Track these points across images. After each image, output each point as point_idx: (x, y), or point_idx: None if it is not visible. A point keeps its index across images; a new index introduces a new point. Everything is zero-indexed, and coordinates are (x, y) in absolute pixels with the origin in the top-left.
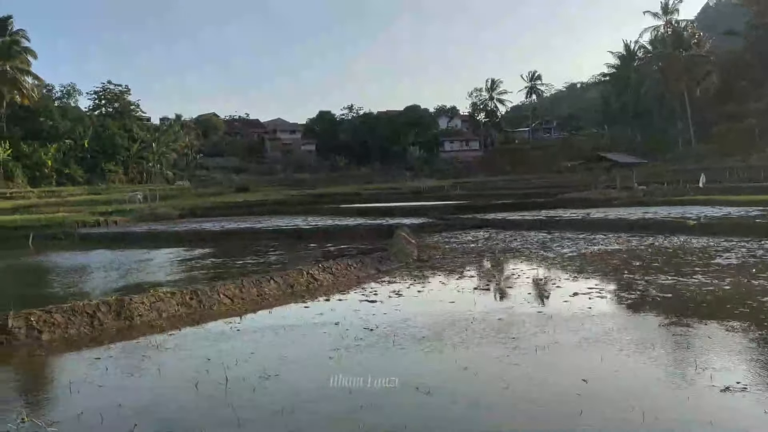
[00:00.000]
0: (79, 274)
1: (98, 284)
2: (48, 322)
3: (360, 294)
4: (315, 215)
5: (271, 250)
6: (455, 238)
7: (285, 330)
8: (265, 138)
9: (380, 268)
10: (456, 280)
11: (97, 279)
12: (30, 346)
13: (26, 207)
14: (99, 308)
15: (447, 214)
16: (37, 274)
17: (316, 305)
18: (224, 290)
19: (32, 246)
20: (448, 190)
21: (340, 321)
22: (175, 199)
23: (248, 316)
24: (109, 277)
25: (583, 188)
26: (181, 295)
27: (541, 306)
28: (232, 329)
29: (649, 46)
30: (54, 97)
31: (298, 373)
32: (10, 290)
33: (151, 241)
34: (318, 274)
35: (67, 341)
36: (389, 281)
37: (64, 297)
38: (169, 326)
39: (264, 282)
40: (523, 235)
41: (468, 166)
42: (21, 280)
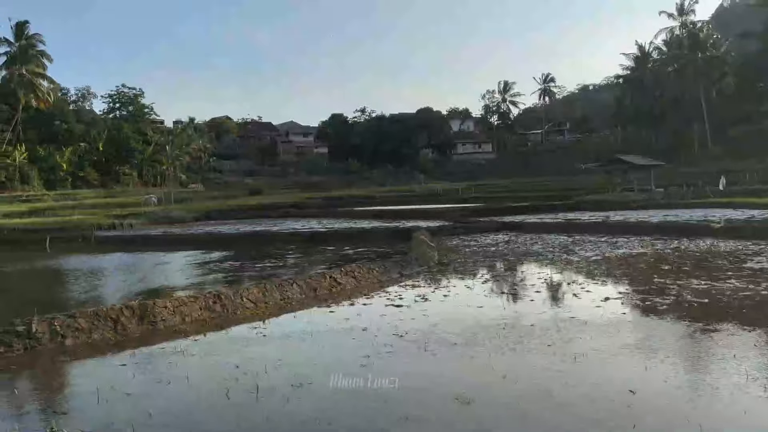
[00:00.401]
0: (98, 278)
1: (118, 288)
2: (71, 327)
3: (385, 298)
4: (330, 218)
5: (289, 253)
6: (475, 242)
7: (312, 336)
8: (277, 141)
9: (402, 272)
10: (481, 284)
11: (117, 282)
12: (54, 352)
13: (42, 210)
14: (122, 313)
15: (464, 217)
16: (56, 278)
17: (342, 310)
18: (247, 294)
19: (49, 249)
20: (463, 193)
21: (368, 326)
22: (189, 202)
23: (273, 321)
24: (129, 281)
25: (599, 191)
26: (204, 300)
27: (573, 311)
28: (257, 335)
29: (664, 47)
30: (69, 100)
31: (331, 380)
32: (30, 294)
33: (167, 244)
34: (340, 277)
35: (91, 346)
36: (413, 285)
37: (84, 301)
38: (193, 331)
39: (287, 286)
40: (544, 239)
41: (480, 168)
42: (40, 283)
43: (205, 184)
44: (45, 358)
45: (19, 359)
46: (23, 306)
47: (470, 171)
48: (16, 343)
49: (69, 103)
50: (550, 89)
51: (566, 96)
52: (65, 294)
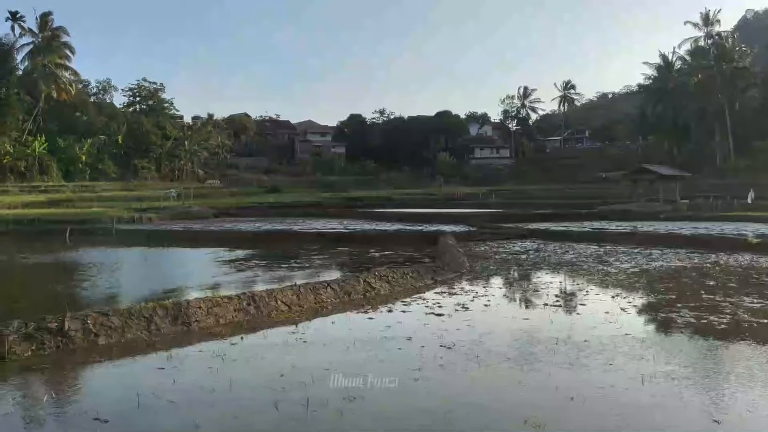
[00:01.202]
0: (123, 272)
1: (144, 284)
2: (105, 325)
3: (423, 305)
4: (350, 219)
5: (314, 254)
6: (503, 248)
7: (356, 344)
8: (295, 139)
9: (436, 277)
10: (520, 293)
11: (142, 278)
12: (87, 351)
13: (61, 201)
14: (156, 312)
15: (488, 223)
16: (81, 271)
17: (381, 316)
18: (282, 296)
19: (70, 241)
20: (484, 198)
21: (412, 336)
22: (208, 198)
23: (310, 326)
24: (154, 277)
25: (623, 200)
26: (238, 301)
27: (625, 327)
28: (298, 340)
29: (688, 57)
30: (90, 93)
31: (385, 396)
32: (55, 287)
33: (190, 240)
34: (374, 282)
35: (125, 346)
36: (449, 292)
37: (111, 296)
38: (228, 333)
39: (321, 289)
40: (574, 248)
41: (498, 173)
42: (64, 276)
43: (222, 180)
44: (78, 357)
45: (52, 358)
46: (48, 300)
47: (487, 176)
48: (48, 340)
49: (90, 95)
50: (570, 96)
51: (584, 104)
52: (91, 288)
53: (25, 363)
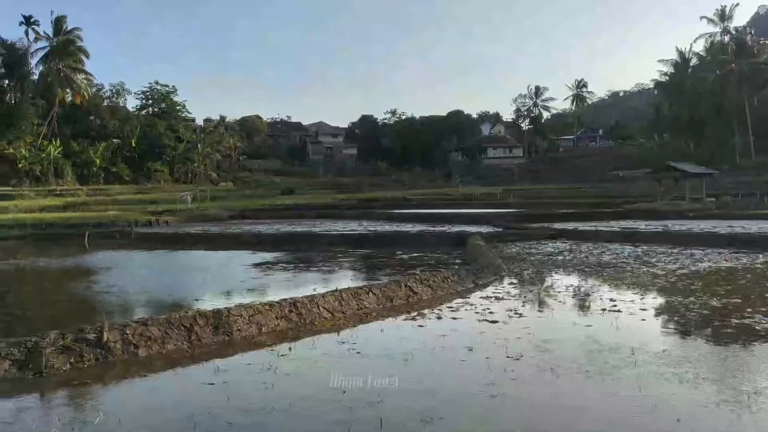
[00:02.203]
0: (149, 277)
1: (173, 289)
2: (144, 335)
3: (472, 312)
4: (369, 220)
5: (340, 256)
6: (535, 249)
7: (414, 356)
8: (307, 141)
9: (477, 281)
10: (571, 298)
11: (170, 282)
12: (127, 364)
13: (77, 204)
14: (196, 321)
15: (513, 223)
16: (105, 275)
17: (431, 324)
18: (324, 302)
19: (88, 244)
20: (501, 198)
21: (473, 346)
22: (222, 200)
23: (360, 335)
24: (182, 281)
25: (647, 199)
26: (279, 308)
27: (705, 336)
28: (350, 351)
29: (704, 53)
30: (104, 96)
31: (465, 416)
32: (82, 292)
33: (209, 243)
34: (416, 286)
35: (167, 359)
36: (496, 297)
37: (142, 303)
38: (272, 343)
39: (363, 294)
40: (609, 248)
41: (511, 173)
42: (90, 281)
43: (235, 182)
44: (120, 371)
45: (92, 372)
46: (78, 306)
47: (501, 175)
48: (86, 352)
49: (103, 98)
50: (583, 95)
51: (596, 102)
52: (119, 294)
53: (64, 378)
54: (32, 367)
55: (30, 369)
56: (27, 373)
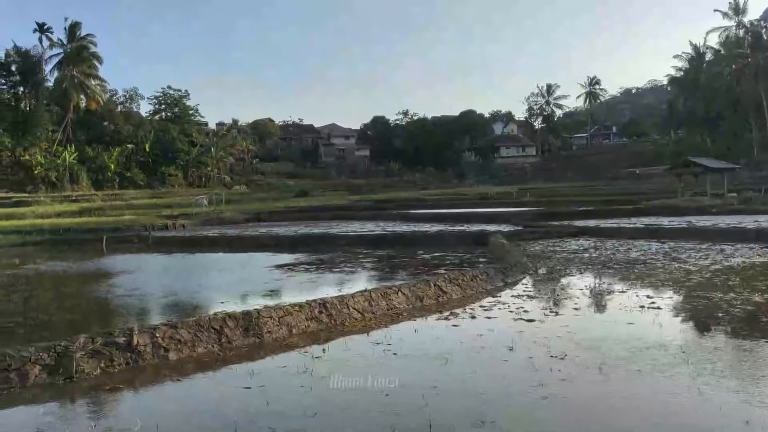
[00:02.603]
0: (171, 279)
1: (197, 291)
2: (174, 338)
3: (505, 310)
4: (385, 221)
5: (361, 257)
6: (559, 247)
7: (452, 356)
8: (319, 143)
9: (506, 279)
10: (606, 295)
11: (194, 285)
12: (158, 368)
13: (93, 209)
14: (226, 323)
15: (532, 222)
16: (127, 279)
17: (465, 323)
18: (353, 303)
19: (106, 249)
20: (517, 196)
21: (513, 346)
22: (237, 203)
23: (393, 335)
24: (206, 284)
25: (667, 195)
26: (309, 309)
27: (756, 333)
28: (385, 352)
29: (719, 47)
30: (117, 101)
31: (518, 420)
32: (105, 296)
33: (228, 246)
34: (445, 285)
35: (198, 362)
36: (528, 295)
37: (168, 305)
38: (304, 344)
39: (392, 294)
40: (634, 245)
41: (524, 172)
42: (112, 285)
43: (249, 185)
44: (151, 375)
45: (123, 376)
46: (102, 310)
47: (514, 174)
48: (117, 356)
49: (117, 104)
50: (596, 92)
51: (607, 100)
52: (143, 298)
53: (95, 383)
54: (62, 372)
55: (60, 374)
56: (57, 378)
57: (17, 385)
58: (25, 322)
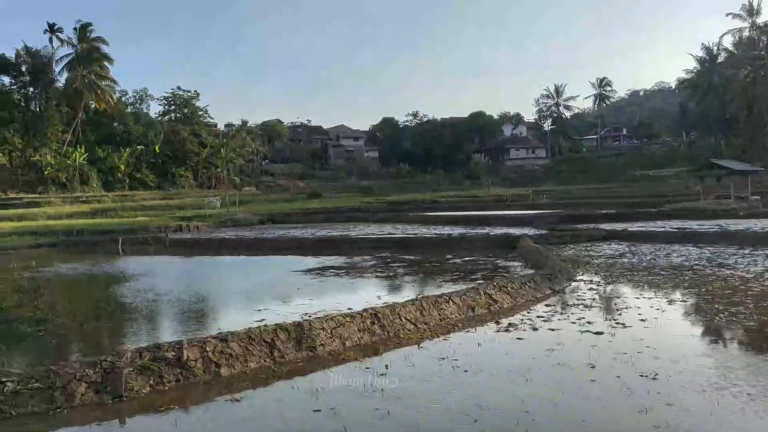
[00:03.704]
0: (200, 284)
1: (229, 297)
2: (225, 352)
3: (566, 321)
4: (402, 223)
5: (390, 261)
6: (593, 251)
7: (531, 374)
8: (328, 144)
9: (553, 287)
10: (666, 304)
11: (224, 291)
12: (211, 385)
13: (104, 210)
14: (277, 335)
15: (556, 225)
16: (151, 283)
17: (529, 336)
18: (405, 312)
19: (122, 251)
20: (533, 198)
21: (593, 363)
22: (248, 204)
23: (453, 348)
24: (236, 289)
25: (688, 198)
26: (361, 319)
27: None
28: (454, 368)
29: (732, 49)
30: (127, 102)
31: None
32: (134, 302)
33: (248, 248)
34: (495, 294)
35: (252, 379)
36: (583, 304)
37: (203, 313)
38: (361, 358)
39: (443, 303)
40: (671, 249)
41: (535, 174)
42: (138, 289)
43: (258, 187)
44: (204, 393)
45: (175, 395)
46: (134, 317)
47: (524, 176)
48: (166, 373)
49: (127, 105)
50: (606, 94)
51: (615, 101)
52: (174, 304)
53: (146, 403)
54: (110, 390)
55: (108, 392)
56: (105, 397)
57: (63, 405)
58: (56, 330)
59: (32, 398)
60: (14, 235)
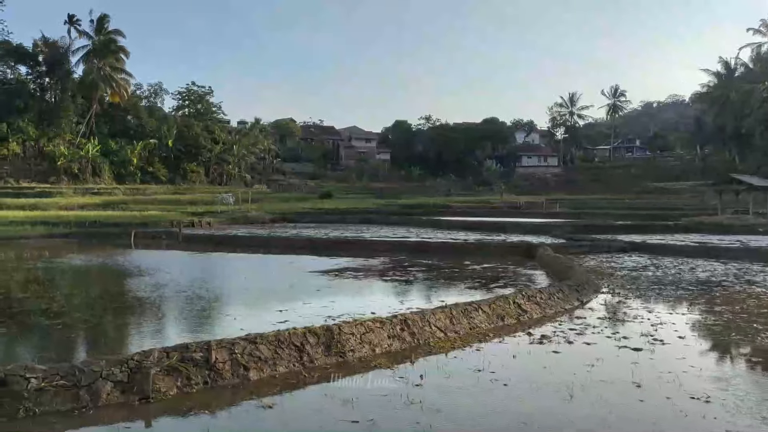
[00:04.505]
0: (219, 282)
1: (250, 297)
2: (253, 355)
3: (600, 335)
4: (415, 227)
5: (406, 264)
6: (615, 263)
7: (573, 390)
8: (340, 145)
9: (581, 299)
10: (704, 322)
11: (245, 290)
12: (239, 389)
13: (115, 203)
14: (307, 339)
15: (573, 234)
16: (166, 278)
17: (565, 349)
18: (434, 320)
19: (134, 244)
20: (547, 207)
21: (639, 381)
22: (260, 202)
23: (488, 359)
24: (256, 288)
25: (703, 211)
26: (390, 325)
27: None
28: (492, 382)
29: (750, 63)
30: (141, 96)
31: None
32: (153, 298)
33: (263, 247)
34: (524, 303)
35: (282, 384)
36: (615, 318)
37: (225, 311)
38: (390, 365)
39: (472, 311)
40: (695, 264)
41: (546, 182)
42: (156, 285)
43: (269, 185)
44: (232, 397)
45: (202, 398)
46: (154, 314)
47: (535, 184)
48: (194, 374)
49: (141, 98)
50: (619, 104)
51: (628, 113)
52: (194, 302)
53: (173, 405)
54: (137, 390)
55: (135, 393)
56: (132, 397)
57: (88, 405)
58: (74, 324)
59: (56, 396)
60: (27, 224)
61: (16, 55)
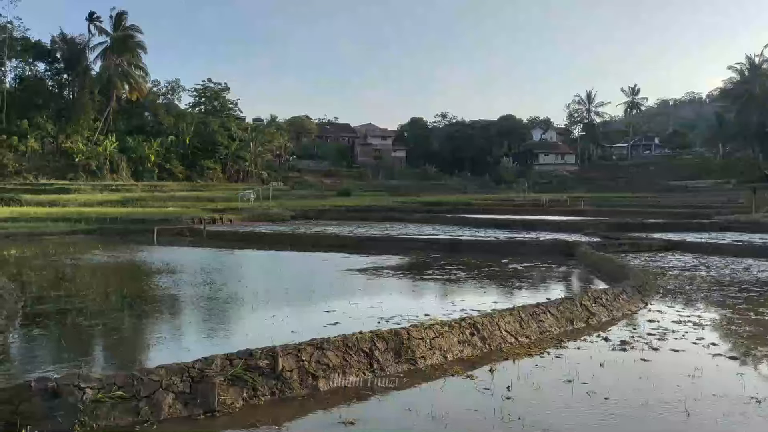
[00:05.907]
0: (257, 281)
1: (291, 295)
2: (321, 362)
3: (686, 341)
4: (441, 224)
5: (444, 263)
6: (661, 263)
7: (686, 406)
8: (355, 142)
9: (644, 300)
10: None
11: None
12: (309, 401)
13: (134, 200)
14: (375, 345)
15: (608, 232)
16: (200, 277)
17: (654, 357)
18: (503, 323)
19: (157, 241)
20: (570, 205)
21: (759, 397)
22: (279, 199)
23: (577, 368)
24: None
25: (735, 209)
26: (460, 330)
27: None
28: (590, 395)
29: None
30: (159, 92)
31: None
32: (189, 295)
33: (291, 244)
34: (591, 305)
35: (355, 395)
36: (691, 322)
37: (273, 311)
38: (464, 374)
39: (541, 314)
40: (747, 263)
41: (563, 180)
42: (194, 283)
43: (286, 182)
44: (304, 411)
45: (272, 412)
46: (197, 315)
47: (553, 182)
48: (260, 384)
49: (159, 95)
50: (636, 102)
51: (645, 110)
52: (238, 302)
53: (241, 419)
54: (200, 402)
55: (198, 405)
56: (195, 410)
57: (150, 418)
58: (114, 325)
59: (114, 409)
60: (48, 220)
61: (35, 52)
